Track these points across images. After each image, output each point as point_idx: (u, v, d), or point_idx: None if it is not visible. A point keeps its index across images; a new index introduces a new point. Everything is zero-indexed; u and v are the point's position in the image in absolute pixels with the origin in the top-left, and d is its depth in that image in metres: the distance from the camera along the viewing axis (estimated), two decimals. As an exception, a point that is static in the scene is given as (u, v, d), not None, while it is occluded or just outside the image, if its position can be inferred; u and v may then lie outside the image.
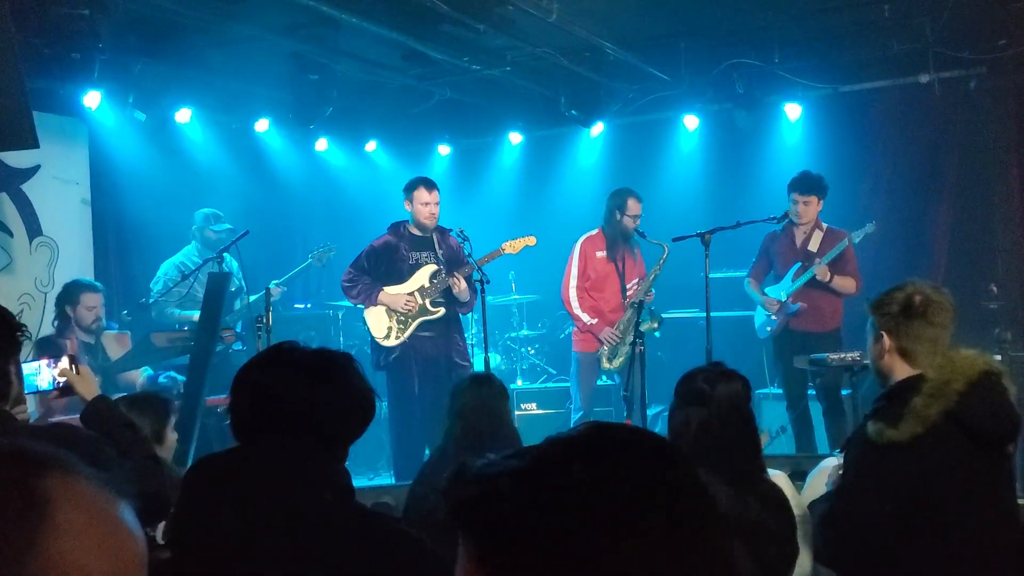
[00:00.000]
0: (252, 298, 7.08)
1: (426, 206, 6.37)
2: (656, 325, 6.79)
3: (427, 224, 6.41)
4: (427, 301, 6.39)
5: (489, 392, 3.79)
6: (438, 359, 6.37)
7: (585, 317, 6.85)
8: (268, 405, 1.80)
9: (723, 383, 2.90)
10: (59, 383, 2.91)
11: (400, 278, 6.41)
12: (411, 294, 6.38)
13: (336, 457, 1.84)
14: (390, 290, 6.36)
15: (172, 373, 5.96)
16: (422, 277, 6.42)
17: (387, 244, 6.49)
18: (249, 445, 1.81)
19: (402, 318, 6.38)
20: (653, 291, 6.86)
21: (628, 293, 6.92)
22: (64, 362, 2.95)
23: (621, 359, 6.78)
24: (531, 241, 6.54)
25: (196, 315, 6.54)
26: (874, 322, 2.92)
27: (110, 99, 7.00)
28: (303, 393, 1.81)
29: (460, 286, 6.28)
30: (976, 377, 2.69)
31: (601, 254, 6.97)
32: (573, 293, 6.93)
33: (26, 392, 2.83)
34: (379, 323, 6.43)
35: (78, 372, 2.92)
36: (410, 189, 6.44)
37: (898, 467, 2.71)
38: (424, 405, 6.30)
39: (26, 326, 2.47)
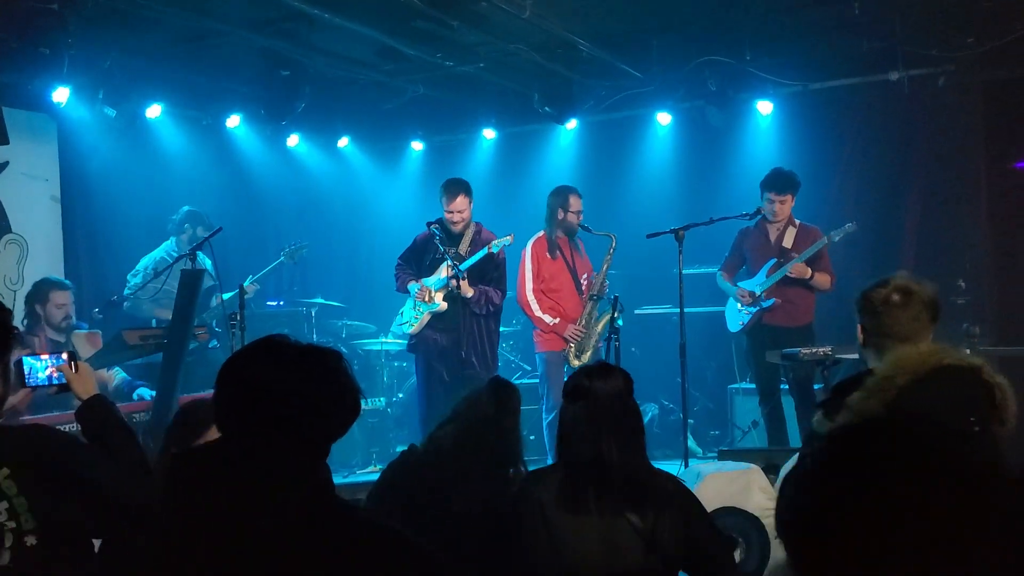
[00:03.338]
0: (227, 296, 7.05)
1: (450, 214, 6.53)
2: (617, 314, 6.84)
3: (453, 229, 6.57)
4: (439, 294, 6.54)
5: (507, 407, 3.65)
6: (450, 353, 6.48)
7: (547, 318, 6.85)
8: (253, 399, 1.78)
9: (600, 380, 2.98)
10: (56, 379, 2.88)
11: (428, 271, 6.64)
12: (427, 286, 6.57)
13: (319, 454, 1.84)
14: (418, 281, 6.62)
15: (144, 391, 5.86)
16: (442, 271, 6.55)
17: (426, 238, 6.70)
18: (231, 439, 1.80)
19: (417, 308, 6.62)
20: (607, 283, 6.90)
21: (583, 287, 6.95)
22: (64, 358, 2.91)
23: (588, 353, 6.80)
24: (509, 239, 6.59)
25: (166, 312, 6.51)
26: (856, 311, 2.98)
27: (79, 94, 6.91)
28: (289, 388, 1.78)
29: (458, 284, 6.34)
30: (926, 373, 2.69)
31: (550, 255, 6.99)
32: (531, 296, 6.93)
33: (28, 385, 2.82)
34: (407, 309, 6.73)
35: (77, 370, 2.89)
36: (440, 196, 6.59)
37: None
38: (438, 394, 6.42)
39: (17, 328, 2.42)
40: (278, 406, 1.76)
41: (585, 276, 7.00)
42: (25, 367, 2.83)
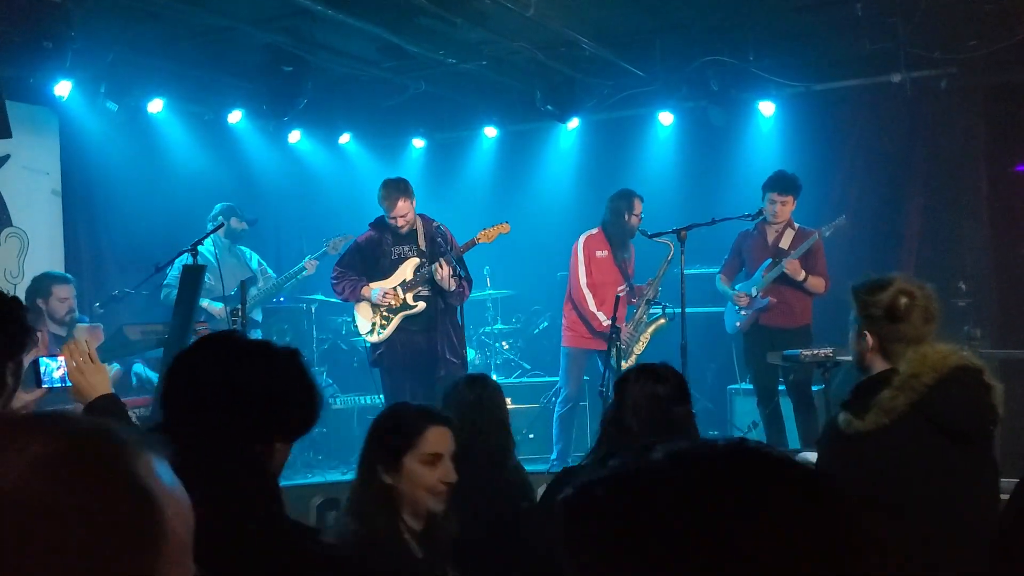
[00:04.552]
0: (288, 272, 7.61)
1: (393, 220, 6.31)
2: (666, 321, 6.92)
3: (400, 232, 6.37)
4: (409, 295, 6.32)
5: (484, 393, 3.61)
6: (426, 354, 6.26)
7: (601, 316, 6.81)
8: (193, 387, 1.76)
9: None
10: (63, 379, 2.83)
11: (384, 273, 6.38)
12: (393, 288, 6.33)
13: (267, 451, 1.76)
14: (374, 285, 6.34)
15: (139, 367, 5.90)
16: (405, 271, 6.36)
17: (370, 240, 6.46)
18: (168, 427, 1.74)
19: (385, 313, 6.35)
20: (660, 288, 6.93)
21: (634, 290, 6.96)
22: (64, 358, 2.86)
23: (633, 357, 6.82)
24: (505, 228, 6.42)
25: (206, 303, 6.61)
26: (857, 317, 2.96)
27: (81, 88, 6.92)
28: (228, 376, 1.74)
29: (442, 272, 6.13)
30: (947, 372, 2.73)
31: (602, 254, 6.98)
32: (587, 291, 6.91)
33: (44, 386, 2.77)
34: (364, 319, 6.44)
35: (80, 369, 2.83)
36: (379, 199, 6.34)
37: (864, 456, 2.75)
38: (416, 401, 6.27)
39: (34, 328, 2.37)
40: (211, 393, 1.74)
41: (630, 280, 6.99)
42: (41, 367, 2.80)
